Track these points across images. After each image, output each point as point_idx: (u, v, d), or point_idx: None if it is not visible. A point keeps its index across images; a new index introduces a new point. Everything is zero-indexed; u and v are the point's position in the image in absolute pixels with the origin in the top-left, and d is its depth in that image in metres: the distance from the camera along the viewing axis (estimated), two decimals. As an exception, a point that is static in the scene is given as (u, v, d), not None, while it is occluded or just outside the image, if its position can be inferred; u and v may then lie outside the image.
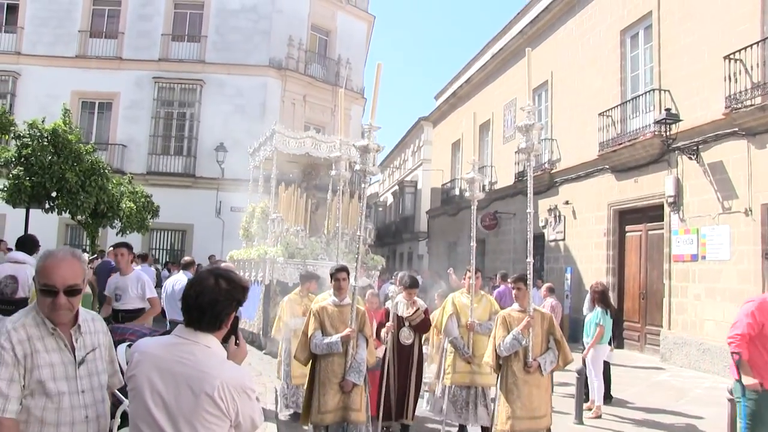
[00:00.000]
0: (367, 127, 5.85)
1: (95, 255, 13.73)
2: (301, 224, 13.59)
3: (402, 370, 6.96)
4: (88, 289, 10.36)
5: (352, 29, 27.48)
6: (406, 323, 6.91)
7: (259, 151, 15.30)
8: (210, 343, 2.36)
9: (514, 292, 5.90)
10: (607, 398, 9.25)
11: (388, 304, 7.21)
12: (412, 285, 7.00)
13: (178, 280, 8.54)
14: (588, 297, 9.99)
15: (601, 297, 9.29)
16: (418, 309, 6.90)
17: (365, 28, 28.54)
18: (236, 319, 2.55)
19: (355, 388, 5.63)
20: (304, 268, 12.42)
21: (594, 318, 9.09)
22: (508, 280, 11.18)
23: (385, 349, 6.70)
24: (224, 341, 2.48)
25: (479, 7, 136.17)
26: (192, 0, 24.37)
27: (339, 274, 5.96)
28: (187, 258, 9.86)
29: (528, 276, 5.69)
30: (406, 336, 6.92)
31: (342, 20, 27.05)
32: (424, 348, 7.41)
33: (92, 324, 2.82)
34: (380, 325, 6.88)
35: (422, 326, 7.02)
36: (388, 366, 6.69)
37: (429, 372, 7.74)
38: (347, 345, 5.62)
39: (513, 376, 5.47)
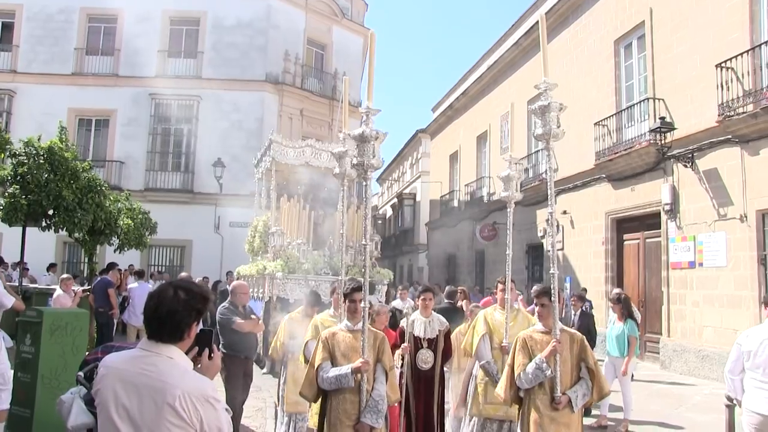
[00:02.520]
0: (364, 111, 4.60)
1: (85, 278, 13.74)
2: (303, 237, 13.22)
3: (423, 400, 5.87)
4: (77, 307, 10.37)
5: (348, 43, 27.60)
6: (424, 344, 5.95)
7: (261, 163, 15.18)
8: (172, 354, 2.37)
9: (537, 309, 4.95)
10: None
11: (403, 323, 6.03)
12: (425, 290, 6.19)
13: None
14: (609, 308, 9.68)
15: (629, 308, 9.07)
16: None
17: (361, 41, 28.59)
18: (210, 333, 2.56)
19: None
20: (306, 284, 12.09)
21: (626, 330, 8.72)
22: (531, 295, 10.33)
23: (404, 377, 5.78)
24: (199, 355, 2.49)
25: (475, 19, 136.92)
26: (188, 16, 24.41)
27: (355, 294, 4.74)
28: (183, 274, 9.87)
29: (552, 290, 4.71)
30: (425, 359, 5.92)
31: (338, 34, 27.16)
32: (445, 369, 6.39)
33: None
34: (393, 348, 5.59)
35: (445, 350, 6.10)
36: (406, 397, 5.77)
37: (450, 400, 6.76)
38: (360, 379, 4.46)
39: (537, 414, 4.54)
